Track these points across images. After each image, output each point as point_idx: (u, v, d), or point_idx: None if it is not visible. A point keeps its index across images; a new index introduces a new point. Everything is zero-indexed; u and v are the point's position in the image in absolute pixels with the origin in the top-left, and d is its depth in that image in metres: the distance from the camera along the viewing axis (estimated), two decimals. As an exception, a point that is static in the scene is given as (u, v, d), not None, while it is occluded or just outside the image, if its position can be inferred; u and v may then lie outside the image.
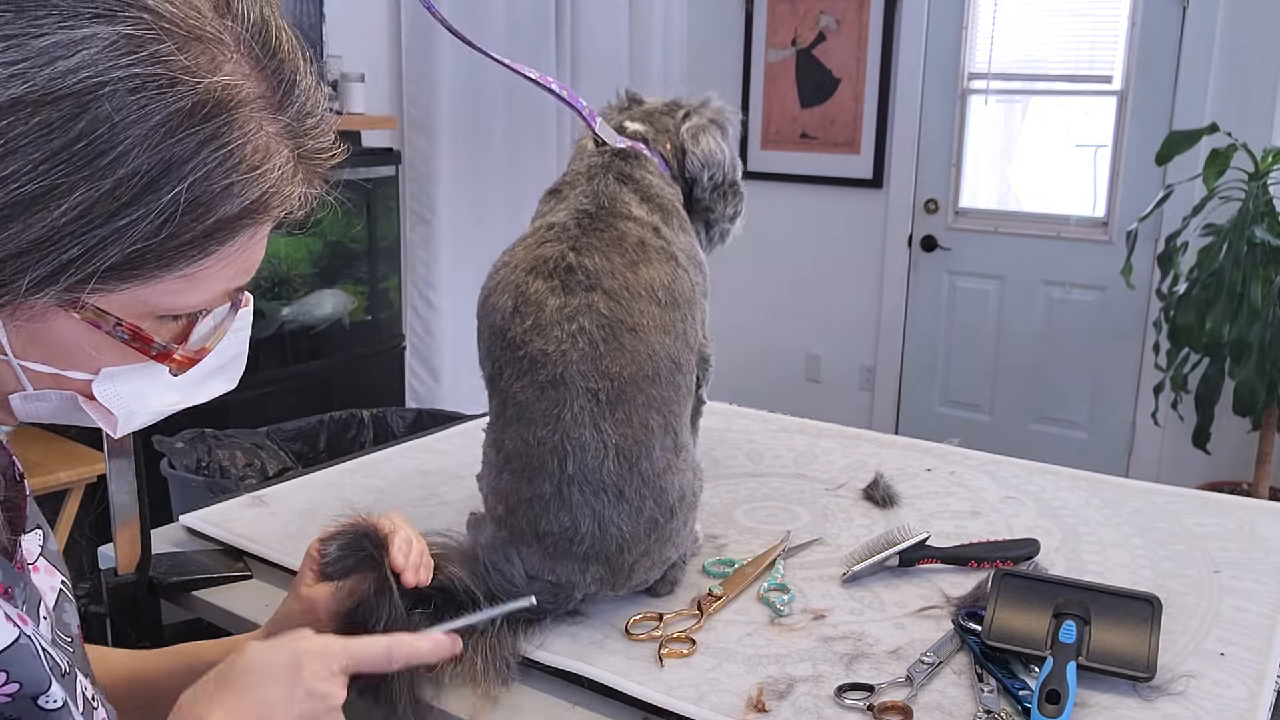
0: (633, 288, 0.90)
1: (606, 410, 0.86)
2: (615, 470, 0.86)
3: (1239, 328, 2.80)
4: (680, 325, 0.92)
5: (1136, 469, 3.58)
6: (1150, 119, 3.43)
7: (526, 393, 0.87)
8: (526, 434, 0.87)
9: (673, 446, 0.91)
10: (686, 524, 0.94)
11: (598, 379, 0.86)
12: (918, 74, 3.84)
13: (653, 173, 1.04)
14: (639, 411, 0.88)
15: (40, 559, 0.63)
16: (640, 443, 0.87)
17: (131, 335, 0.52)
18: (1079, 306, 3.69)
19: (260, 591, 1.02)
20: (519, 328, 0.88)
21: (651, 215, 0.99)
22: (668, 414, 0.90)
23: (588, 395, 0.86)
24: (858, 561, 1.00)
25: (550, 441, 0.86)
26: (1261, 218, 2.86)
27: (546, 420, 0.86)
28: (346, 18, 2.94)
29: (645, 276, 0.91)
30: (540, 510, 0.87)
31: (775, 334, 4.25)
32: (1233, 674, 0.83)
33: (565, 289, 0.89)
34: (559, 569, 0.88)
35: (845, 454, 1.36)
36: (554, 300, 0.88)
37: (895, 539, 1.01)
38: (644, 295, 0.90)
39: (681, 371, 0.92)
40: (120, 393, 0.54)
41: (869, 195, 4.02)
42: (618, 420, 0.86)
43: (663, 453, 0.89)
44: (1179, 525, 1.13)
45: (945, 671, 0.84)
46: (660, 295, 0.91)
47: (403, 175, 3.06)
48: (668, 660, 0.86)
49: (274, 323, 2.57)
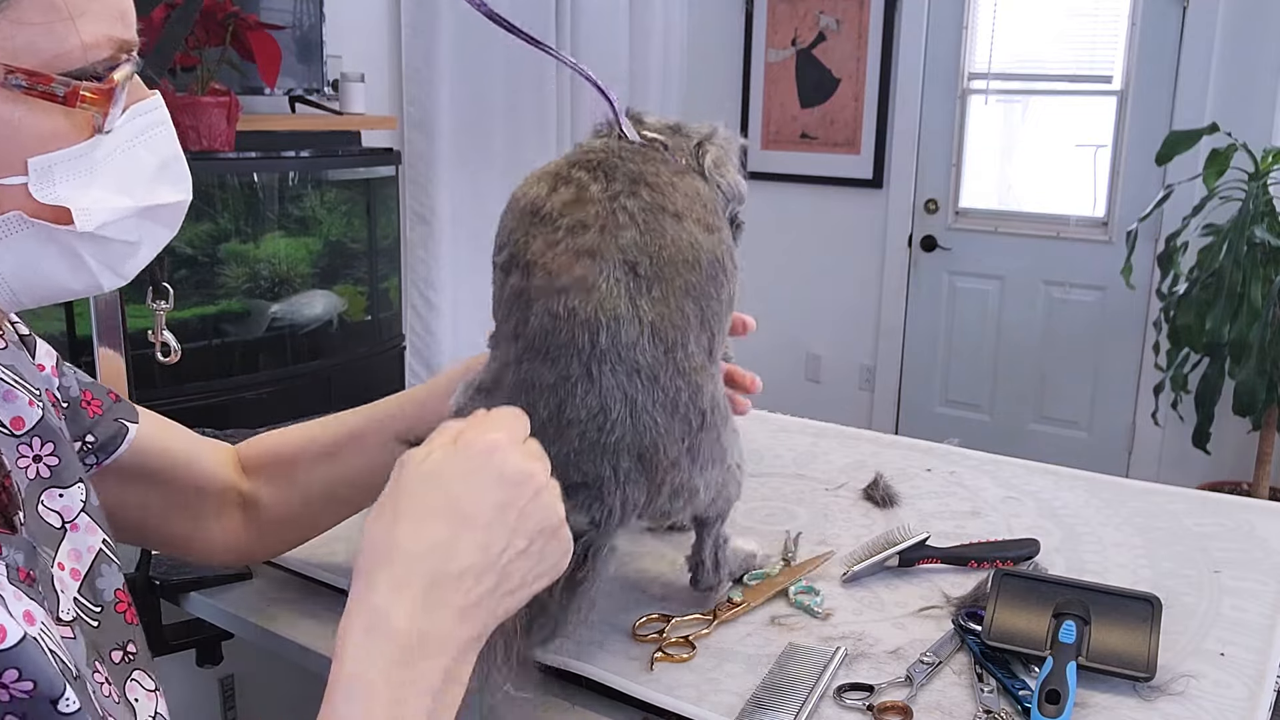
0: (678, 187, 0.87)
1: (644, 286, 0.81)
2: (650, 351, 0.80)
3: (1239, 328, 2.80)
4: (721, 235, 0.89)
5: (1136, 469, 3.58)
6: (1150, 119, 3.43)
7: (560, 260, 0.81)
8: (556, 305, 0.80)
9: (708, 348, 0.86)
10: (720, 441, 0.87)
11: (637, 253, 0.82)
12: (918, 74, 3.84)
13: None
14: (676, 295, 0.83)
15: (82, 514, 0.63)
16: (677, 327, 0.82)
17: (28, 80, 0.52)
18: (1079, 306, 3.69)
19: (260, 591, 1.02)
20: (556, 201, 0.84)
21: None
22: (705, 309, 0.85)
23: (625, 268, 0.81)
24: (858, 561, 1.00)
25: (583, 312, 0.80)
26: (1261, 218, 2.87)
27: (579, 289, 0.80)
28: (346, 18, 2.94)
29: (688, 185, 0.89)
30: (566, 394, 0.80)
31: (775, 334, 4.25)
32: (1233, 674, 0.83)
33: (608, 178, 0.85)
34: (586, 464, 0.80)
35: (845, 454, 1.36)
36: (596, 185, 0.85)
37: (895, 539, 1.02)
38: (688, 195, 0.88)
39: (723, 274, 0.87)
40: (60, 195, 0.54)
41: (869, 195, 4.02)
42: (654, 299, 0.81)
43: (698, 349, 0.84)
44: (1179, 525, 1.13)
45: (945, 671, 0.84)
46: (705, 201, 0.89)
47: (403, 175, 3.06)
48: (658, 665, 0.84)
49: (264, 320, 2.57)
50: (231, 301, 2.53)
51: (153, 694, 0.62)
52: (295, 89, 2.72)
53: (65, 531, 0.61)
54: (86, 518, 0.63)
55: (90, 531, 0.63)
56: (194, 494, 0.84)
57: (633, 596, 0.96)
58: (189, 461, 0.84)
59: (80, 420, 0.74)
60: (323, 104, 2.80)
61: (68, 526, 0.61)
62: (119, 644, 0.61)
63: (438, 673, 0.53)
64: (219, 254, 2.49)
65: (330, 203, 2.73)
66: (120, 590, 0.63)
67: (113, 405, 0.77)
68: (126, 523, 0.80)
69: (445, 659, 0.54)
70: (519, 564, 0.59)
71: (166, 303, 0.95)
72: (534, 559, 0.60)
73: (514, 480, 0.59)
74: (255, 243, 2.56)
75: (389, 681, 0.51)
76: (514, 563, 0.58)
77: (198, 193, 2.59)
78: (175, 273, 2.39)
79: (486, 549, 0.57)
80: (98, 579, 0.62)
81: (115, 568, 0.64)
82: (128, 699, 0.59)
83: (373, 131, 2.94)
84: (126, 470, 0.78)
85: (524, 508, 0.59)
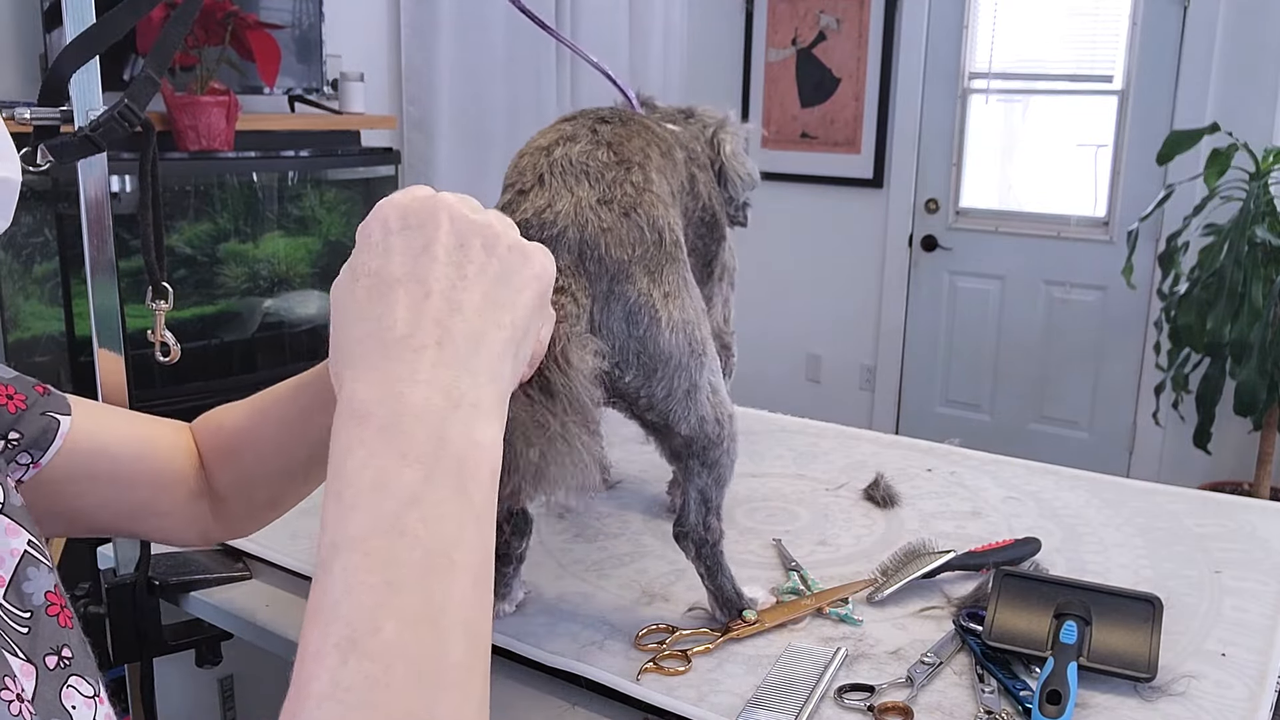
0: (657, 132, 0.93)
1: (608, 130, 0.88)
2: (600, 158, 0.84)
3: (1240, 328, 2.80)
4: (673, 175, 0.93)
5: (1137, 469, 3.58)
6: (1151, 119, 3.43)
7: (542, 138, 0.88)
8: (530, 146, 0.88)
9: (670, 190, 0.90)
10: (685, 282, 0.85)
11: (605, 120, 0.89)
12: (918, 74, 3.84)
13: None
14: (640, 136, 0.89)
15: (1, 517, 0.59)
16: (633, 150, 0.87)
17: None
18: (1079, 306, 3.69)
19: (260, 592, 1.02)
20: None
21: None
22: (666, 174, 0.91)
23: (596, 120, 0.89)
24: (885, 583, 0.97)
25: (547, 140, 0.87)
26: (1262, 217, 2.86)
27: (550, 131, 0.88)
28: (346, 18, 2.94)
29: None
30: (513, 197, 0.84)
31: (775, 334, 4.25)
32: (1233, 674, 0.83)
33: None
34: None
35: (845, 454, 1.35)
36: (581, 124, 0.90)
37: (917, 552, 1.00)
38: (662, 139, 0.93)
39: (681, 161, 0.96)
40: None
41: (869, 195, 4.02)
42: (616, 138, 0.87)
43: (659, 178, 0.88)
44: (1180, 525, 1.12)
45: (946, 672, 0.84)
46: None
47: (403, 175, 3.05)
48: (644, 675, 0.83)
49: (257, 316, 2.57)
50: (230, 301, 2.53)
51: (91, 700, 0.58)
52: (295, 88, 2.72)
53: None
54: (6, 519, 0.59)
55: (12, 534, 0.58)
56: (148, 483, 0.79)
57: (639, 599, 0.96)
58: (139, 453, 0.78)
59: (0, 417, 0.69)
60: (322, 104, 2.80)
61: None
62: (53, 649, 0.57)
63: (429, 427, 0.47)
64: (218, 254, 2.49)
65: (330, 202, 2.73)
66: (51, 593, 0.59)
67: (40, 399, 0.72)
68: (78, 515, 0.76)
69: (434, 418, 0.47)
70: (473, 286, 0.51)
71: (166, 302, 0.94)
72: (491, 278, 0.52)
73: (420, 216, 0.52)
74: (254, 242, 2.56)
75: (370, 454, 0.46)
76: (464, 289, 0.51)
77: (198, 192, 2.58)
78: (174, 273, 2.39)
79: (424, 296, 0.50)
80: (24, 583, 0.58)
81: (44, 569, 0.59)
82: (64, 706, 0.55)
83: (372, 131, 2.94)
84: (67, 467, 0.73)
85: (446, 234, 0.52)
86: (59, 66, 0.83)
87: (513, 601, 0.93)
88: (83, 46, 0.85)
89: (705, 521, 0.89)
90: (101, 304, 0.97)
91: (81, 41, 0.85)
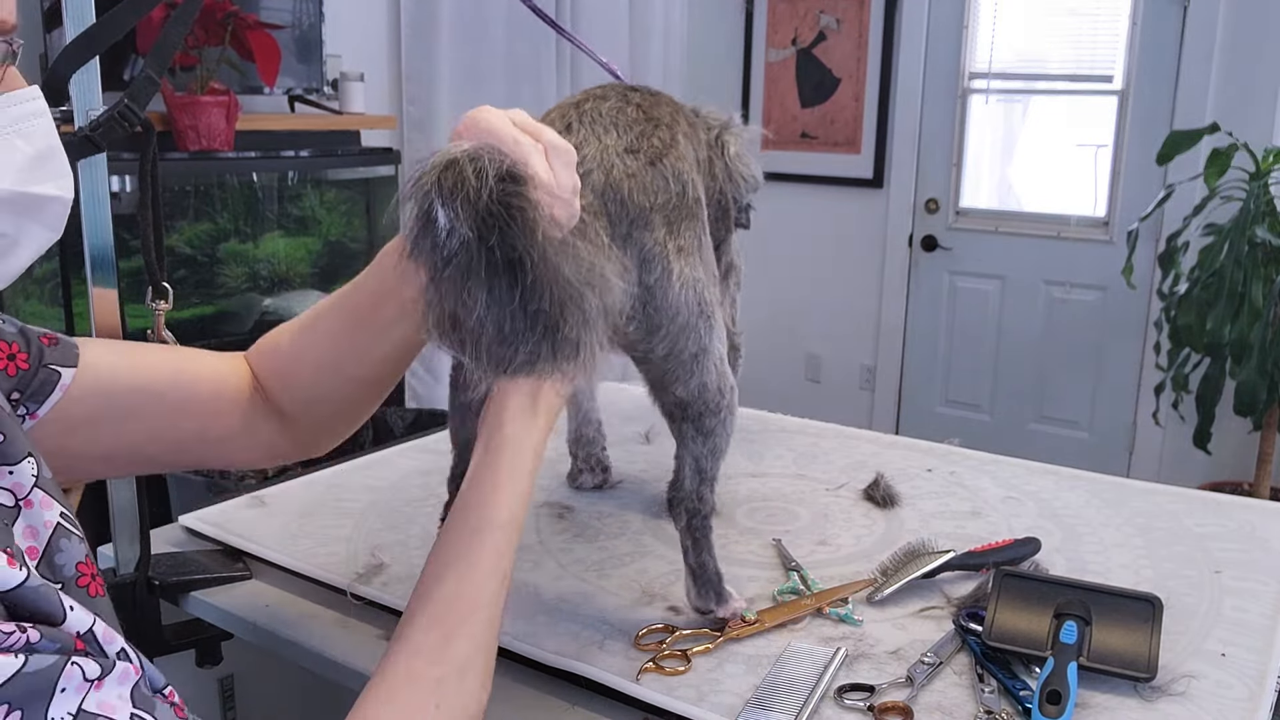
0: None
1: (637, 96, 0.88)
2: (632, 116, 0.85)
3: (1240, 328, 2.80)
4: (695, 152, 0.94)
5: (1137, 469, 3.58)
6: (1151, 119, 3.43)
7: (570, 98, 0.89)
8: (558, 105, 0.88)
9: (692, 161, 0.90)
10: (702, 244, 0.86)
11: (634, 89, 0.90)
12: (918, 74, 3.84)
13: None
14: (668, 105, 0.91)
15: (35, 489, 0.61)
16: (658, 121, 0.87)
17: None
18: (1079, 306, 3.69)
19: (260, 592, 1.02)
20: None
21: None
22: (692, 141, 0.92)
23: (625, 89, 0.90)
24: (885, 582, 0.97)
25: (576, 99, 0.87)
26: (1262, 217, 2.86)
27: (578, 95, 0.89)
28: (346, 18, 2.94)
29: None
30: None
31: (775, 334, 4.25)
32: (1233, 674, 0.83)
33: None
34: None
35: (845, 454, 1.35)
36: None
37: (917, 552, 1.00)
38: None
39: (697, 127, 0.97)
40: None
41: (869, 195, 4.02)
42: (645, 102, 0.88)
43: (682, 155, 0.87)
44: (1180, 525, 1.12)
45: (946, 672, 0.84)
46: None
47: (403, 175, 3.05)
48: (644, 675, 0.83)
49: (255, 312, 2.57)
50: (230, 301, 2.53)
51: None
52: (295, 88, 2.72)
53: (19, 509, 0.59)
54: (41, 492, 0.61)
55: (46, 506, 0.60)
56: (196, 411, 0.81)
57: (639, 599, 0.96)
58: (180, 383, 0.80)
59: (1, 379, 0.71)
60: (322, 104, 2.80)
61: (21, 504, 0.59)
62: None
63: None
64: (218, 254, 2.49)
65: (330, 202, 2.73)
66: (82, 563, 0.61)
67: (44, 349, 0.74)
68: (131, 453, 0.78)
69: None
70: None
71: (166, 302, 0.95)
72: None
73: None
74: (255, 242, 2.56)
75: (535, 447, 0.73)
76: None
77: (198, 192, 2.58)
78: (174, 273, 2.39)
79: None
80: (56, 554, 0.59)
81: (76, 539, 0.61)
82: None
83: (372, 131, 2.94)
84: (103, 406, 0.75)
85: None
86: (59, 66, 0.83)
87: None
88: (83, 46, 0.85)
89: (699, 492, 0.88)
90: (101, 304, 0.97)
91: (81, 41, 0.85)
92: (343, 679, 0.89)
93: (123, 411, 0.77)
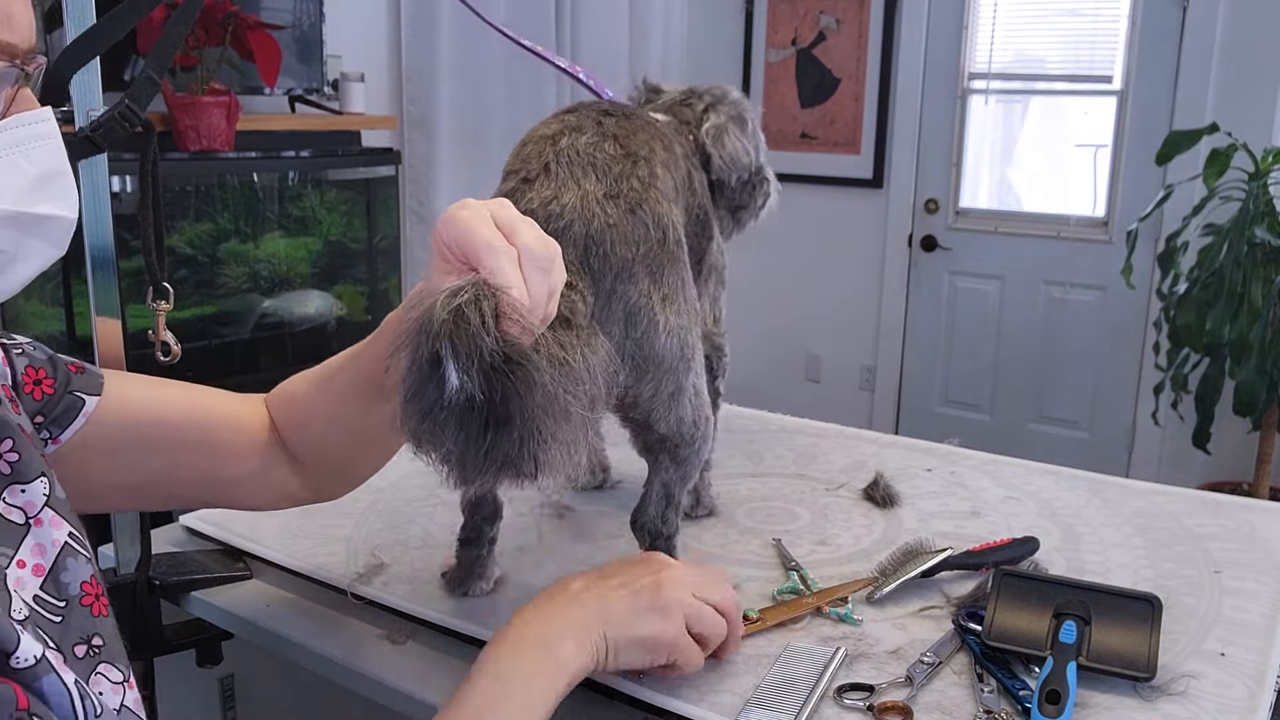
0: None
1: (612, 123, 0.88)
2: (608, 151, 0.85)
3: (1239, 328, 2.80)
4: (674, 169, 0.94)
5: (1137, 469, 3.58)
6: (1150, 119, 3.43)
7: (545, 127, 0.89)
8: (533, 135, 0.89)
9: (673, 185, 0.91)
10: (682, 280, 0.86)
11: (608, 113, 0.90)
12: (918, 74, 3.84)
13: None
14: (644, 130, 0.91)
15: (46, 509, 0.61)
16: (639, 144, 0.88)
17: None
18: (1079, 306, 3.69)
19: (260, 591, 1.02)
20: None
21: None
22: (670, 169, 0.92)
23: (599, 113, 0.90)
24: (884, 581, 0.97)
25: (552, 130, 0.87)
26: (1262, 218, 2.86)
27: (553, 121, 0.89)
28: (346, 18, 2.94)
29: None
30: (518, 184, 0.84)
31: (775, 334, 4.25)
32: (1233, 674, 0.83)
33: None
34: None
35: (845, 454, 1.35)
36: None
37: (915, 550, 1.00)
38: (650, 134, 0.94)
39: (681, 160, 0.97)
40: None
41: (869, 195, 4.02)
42: (621, 131, 0.88)
43: (664, 173, 0.89)
44: (1179, 525, 1.12)
45: (945, 671, 0.84)
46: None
47: (403, 175, 3.06)
48: (644, 675, 0.82)
49: (255, 314, 2.57)
50: (231, 301, 2.53)
51: (120, 685, 0.60)
52: (295, 89, 2.72)
53: (29, 527, 0.60)
54: (51, 512, 0.61)
55: (55, 525, 0.61)
56: (210, 450, 0.82)
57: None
58: (195, 421, 0.81)
59: (28, 403, 0.72)
60: (322, 104, 2.80)
61: (31, 522, 0.60)
62: (83, 638, 0.60)
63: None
64: (219, 254, 2.49)
65: (330, 202, 2.73)
66: (87, 583, 0.62)
67: (71, 378, 0.74)
68: (148, 485, 0.79)
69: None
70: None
71: (166, 302, 0.95)
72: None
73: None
74: (255, 243, 2.57)
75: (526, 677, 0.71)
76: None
77: (198, 192, 2.59)
78: (175, 273, 2.39)
79: None
80: (62, 573, 0.60)
81: (83, 560, 0.62)
82: (91, 692, 0.58)
83: (372, 131, 2.94)
84: (118, 437, 0.76)
85: None
86: (59, 67, 0.83)
87: (490, 580, 0.95)
88: (83, 47, 0.85)
89: (664, 515, 0.91)
90: (102, 304, 0.97)
91: (82, 42, 0.85)
92: (343, 679, 0.89)
93: (143, 443, 0.78)
